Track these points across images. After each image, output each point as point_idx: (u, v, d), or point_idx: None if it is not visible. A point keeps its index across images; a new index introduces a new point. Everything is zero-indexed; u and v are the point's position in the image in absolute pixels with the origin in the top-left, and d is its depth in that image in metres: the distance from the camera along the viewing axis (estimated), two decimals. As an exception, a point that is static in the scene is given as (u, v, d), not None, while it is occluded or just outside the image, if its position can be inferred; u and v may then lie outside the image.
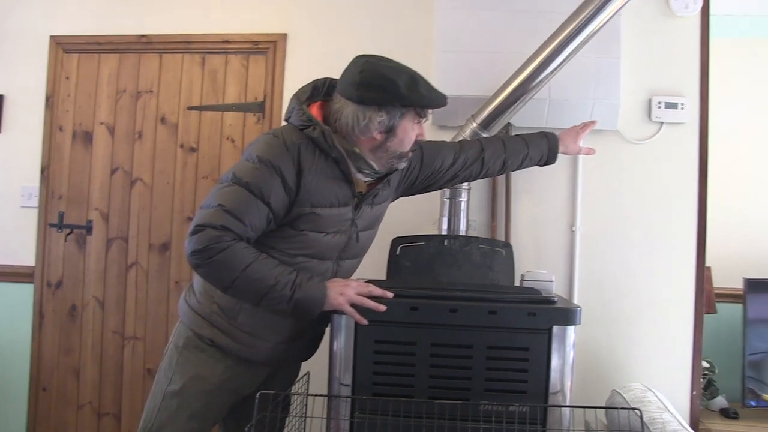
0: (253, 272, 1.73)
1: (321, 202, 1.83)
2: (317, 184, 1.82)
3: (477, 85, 2.58)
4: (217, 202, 1.75)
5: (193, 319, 1.93)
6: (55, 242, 3.24)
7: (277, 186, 1.77)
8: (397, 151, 1.88)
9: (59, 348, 3.23)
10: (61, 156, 3.24)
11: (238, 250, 1.73)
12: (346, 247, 1.95)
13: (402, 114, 1.83)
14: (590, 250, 2.75)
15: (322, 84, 1.93)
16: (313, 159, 1.82)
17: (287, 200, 1.80)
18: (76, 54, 3.24)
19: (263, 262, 1.76)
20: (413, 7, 2.86)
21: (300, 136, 1.83)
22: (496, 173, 2.32)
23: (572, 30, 2.35)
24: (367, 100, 1.80)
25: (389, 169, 1.94)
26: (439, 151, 2.17)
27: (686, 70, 2.76)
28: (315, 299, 1.78)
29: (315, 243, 1.87)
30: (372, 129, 1.82)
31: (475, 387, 1.79)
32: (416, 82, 1.81)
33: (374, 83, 1.79)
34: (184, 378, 1.92)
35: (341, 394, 1.81)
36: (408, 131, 1.86)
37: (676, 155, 2.75)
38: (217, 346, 1.90)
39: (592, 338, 2.70)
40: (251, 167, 1.78)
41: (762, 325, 2.86)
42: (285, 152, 1.79)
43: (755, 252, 3.29)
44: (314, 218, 1.84)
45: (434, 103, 1.85)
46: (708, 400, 2.89)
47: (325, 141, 1.81)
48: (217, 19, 3.10)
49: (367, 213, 1.97)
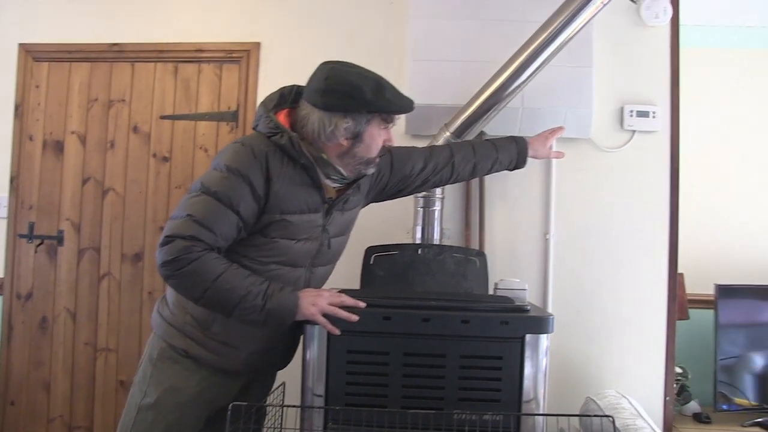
0: (223, 283, 1.72)
1: (291, 209, 1.83)
2: (286, 191, 1.81)
3: (450, 94, 2.58)
4: (186, 212, 1.74)
5: (166, 330, 1.91)
6: (25, 253, 3.20)
7: (246, 194, 1.76)
8: (364, 157, 1.88)
9: (29, 361, 3.18)
10: (31, 165, 3.20)
11: (209, 261, 1.72)
12: (318, 253, 1.94)
13: (368, 120, 1.83)
14: (564, 258, 2.77)
15: (289, 91, 1.93)
16: (282, 166, 1.81)
17: (256, 208, 1.79)
18: (46, 62, 3.20)
19: (234, 273, 1.75)
20: (386, 16, 2.86)
21: (268, 143, 1.82)
22: (466, 178, 2.33)
23: (545, 39, 2.37)
24: (332, 107, 1.80)
25: (357, 175, 1.93)
26: (409, 157, 2.18)
27: (657, 79, 2.78)
28: (287, 309, 1.77)
29: (286, 250, 1.86)
30: (338, 135, 1.82)
31: (448, 396, 1.78)
32: (382, 87, 1.81)
33: (340, 90, 1.79)
34: (158, 390, 1.90)
35: (314, 404, 1.80)
36: (375, 137, 1.86)
37: (649, 163, 2.77)
38: (191, 357, 1.89)
39: (567, 346, 2.71)
40: (219, 176, 1.77)
41: (733, 330, 2.89)
42: (253, 160, 1.78)
43: (726, 258, 3.33)
44: (285, 225, 1.83)
45: (400, 109, 1.86)
46: (681, 405, 2.91)
47: (293, 148, 1.80)
48: (190, 28, 3.08)
49: (338, 219, 1.96)
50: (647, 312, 2.74)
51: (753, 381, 2.90)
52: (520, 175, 2.71)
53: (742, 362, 2.90)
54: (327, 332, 1.79)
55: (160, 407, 1.89)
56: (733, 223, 3.40)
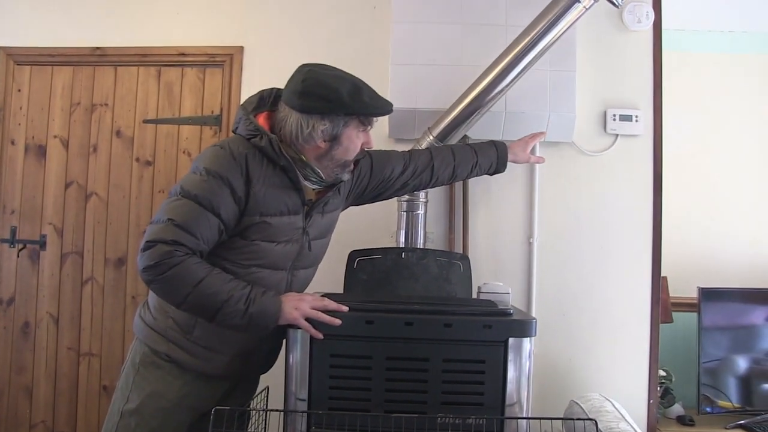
0: (205, 287, 1.71)
1: (270, 211, 1.83)
2: (266, 193, 1.82)
3: (433, 98, 2.59)
4: (167, 216, 1.73)
5: (148, 335, 1.91)
6: (7, 258, 3.17)
7: (227, 197, 1.76)
8: (342, 159, 1.89)
9: (11, 366, 3.15)
10: (13, 170, 3.18)
11: (191, 266, 1.71)
12: (299, 256, 1.94)
13: (345, 122, 1.84)
14: (547, 262, 2.77)
15: (269, 94, 1.93)
16: (261, 168, 1.82)
17: (237, 210, 1.79)
18: (28, 66, 3.18)
19: (216, 277, 1.74)
20: (370, 20, 2.86)
21: (247, 145, 1.82)
22: (446, 182, 2.33)
23: (527, 43, 2.37)
24: (309, 109, 1.81)
25: (335, 179, 1.94)
26: (388, 160, 2.19)
27: (640, 83, 2.80)
28: (269, 313, 1.76)
29: (267, 253, 1.86)
30: (316, 137, 1.83)
31: (431, 400, 1.78)
32: (359, 90, 1.82)
33: (316, 92, 1.80)
34: (141, 395, 1.89)
35: (297, 409, 1.79)
36: (353, 139, 1.87)
37: (632, 167, 2.79)
38: (174, 361, 1.88)
39: (550, 349, 2.72)
40: (199, 179, 1.77)
41: (716, 332, 2.91)
42: (232, 162, 1.78)
43: (710, 261, 3.35)
44: (265, 227, 1.83)
45: (378, 111, 1.86)
46: (665, 408, 2.92)
47: (272, 149, 1.81)
48: (174, 32, 3.06)
49: (318, 221, 1.97)
50: (631, 315, 2.75)
51: (736, 384, 2.91)
52: (504, 179, 2.73)
53: (726, 365, 2.91)
54: (310, 336, 1.78)
55: (143, 413, 1.88)
56: (716, 227, 3.43)
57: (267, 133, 1.82)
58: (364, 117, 1.86)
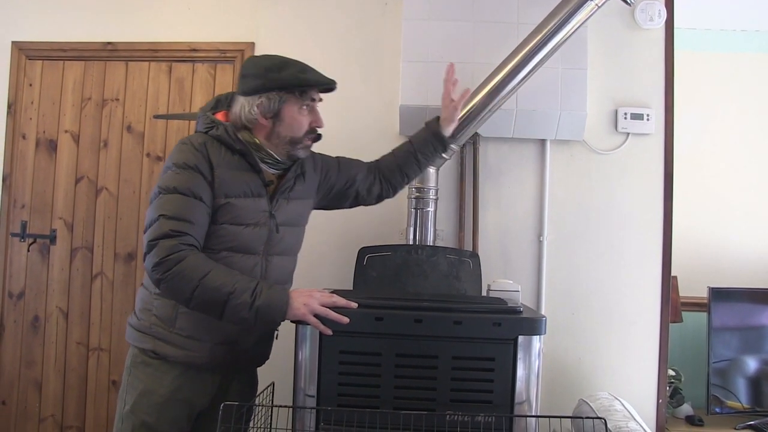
0: (210, 281, 1.75)
1: (234, 192, 1.89)
2: (228, 175, 1.89)
3: (444, 96, 2.58)
4: (157, 214, 1.80)
5: (136, 336, 1.95)
6: (18, 252, 3.19)
7: (201, 182, 1.85)
8: (287, 136, 1.96)
9: (21, 360, 3.17)
10: (24, 164, 3.19)
11: (195, 260, 1.77)
12: (270, 240, 1.97)
13: (282, 98, 1.92)
14: (557, 260, 2.76)
15: (225, 97, 2.05)
16: (221, 154, 1.90)
17: (211, 194, 1.87)
18: (40, 60, 3.20)
19: (222, 271, 1.79)
20: (380, 17, 2.86)
21: (205, 137, 1.93)
22: (403, 183, 2.35)
23: (539, 41, 2.36)
24: (248, 90, 1.93)
25: (290, 157, 2.00)
26: (352, 164, 2.28)
27: (651, 82, 2.78)
28: (277, 307, 1.77)
29: (235, 236, 1.90)
30: (257, 116, 1.93)
31: (440, 397, 1.78)
32: (287, 64, 1.93)
33: (251, 72, 1.93)
34: (134, 395, 1.92)
35: (306, 405, 1.79)
36: (295, 116, 1.95)
37: (642, 165, 2.77)
38: (161, 357, 1.90)
39: (560, 347, 2.71)
40: (173, 175, 1.85)
41: (726, 333, 2.89)
42: (196, 152, 1.87)
43: (720, 261, 3.33)
44: (230, 209, 1.89)
45: (308, 83, 1.93)
46: (674, 408, 2.91)
47: (228, 136, 1.91)
48: (185, 27, 3.08)
49: (284, 207, 2.01)
50: (640, 314, 2.74)
51: (746, 384, 2.90)
52: (514, 176, 2.73)
53: (735, 365, 2.90)
54: (319, 332, 1.78)
55: (138, 411, 1.91)
56: (726, 227, 3.41)
57: (222, 123, 1.94)
58: (299, 91, 1.93)
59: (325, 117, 1.93)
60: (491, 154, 2.78)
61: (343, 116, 2.80)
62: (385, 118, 2.79)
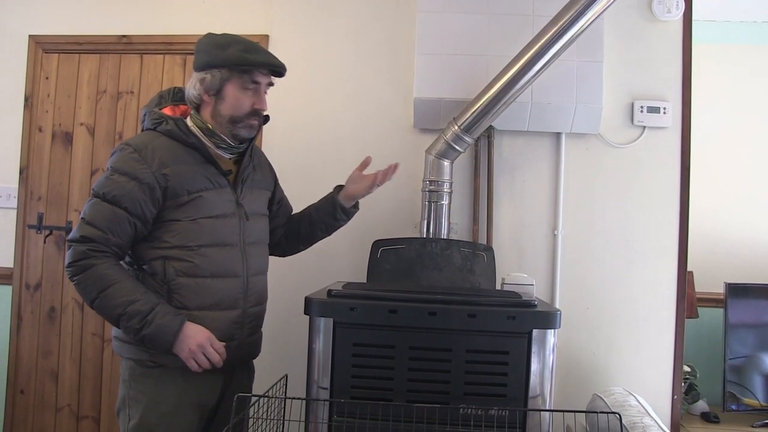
0: (109, 297, 1.80)
1: (196, 187, 1.90)
2: (185, 171, 1.89)
3: (459, 88, 2.57)
4: (81, 215, 1.85)
5: (129, 349, 1.92)
6: (34, 243, 3.21)
7: (134, 190, 1.84)
8: (228, 115, 1.94)
9: (38, 350, 3.19)
10: (40, 157, 3.21)
11: (101, 270, 1.79)
12: (243, 230, 1.99)
13: (224, 76, 1.92)
14: (572, 254, 2.75)
15: (168, 92, 2.07)
16: (172, 151, 1.90)
17: (153, 198, 1.85)
18: (56, 54, 3.21)
19: (125, 287, 1.80)
20: (395, 9, 2.84)
21: (152, 135, 1.92)
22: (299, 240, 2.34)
23: (554, 33, 2.35)
24: (197, 66, 1.95)
25: (234, 137, 1.98)
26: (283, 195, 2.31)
27: (668, 75, 2.76)
28: (163, 339, 1.81)
29: (210, 229, 1.91)
30: (201, 91, 1.94)
31: (454, 390, 1.78)
32: (236, 42, 1.92)
33: (201, 49, 1.95)
34: (140, 408, 1.90)
35: (319, 397, 1.80)
36: (237, 96, 1.94)
37: (659, 159, 2.75)
38: (161, 365, 1.89)
39: (574, 342, 2.70)
40: (106, 179, 1.86)
41: (743, 329, 2.87)
42: (136, 157, 1.86)
43: (737, 257, 3.30)
44: (198, 202, 1.90)
45: (249, 62, 1.91)
46: (689, 404, 2.90)
47: (179, 130, 1.92)
48: (199, 20, 3.08)
49: (249, 196, 2.03)
50: (656, 309, 2.71)
51: (763, 382, 2.87)
52: (529, 170, 2.72)
53: (752, 362, 2.87)
54: (333, 325, 1.79)
55: (147, 423, 1.89)
56: (743, 221, 3.37)
57: (171, 118, 1.94)
58: (241, 70, 1.91)
59: (340, 109, 1.94)
60: (506, 148, 2.76)
61: (358, 109, 2.80)
62: (399, 110, 2.78)
